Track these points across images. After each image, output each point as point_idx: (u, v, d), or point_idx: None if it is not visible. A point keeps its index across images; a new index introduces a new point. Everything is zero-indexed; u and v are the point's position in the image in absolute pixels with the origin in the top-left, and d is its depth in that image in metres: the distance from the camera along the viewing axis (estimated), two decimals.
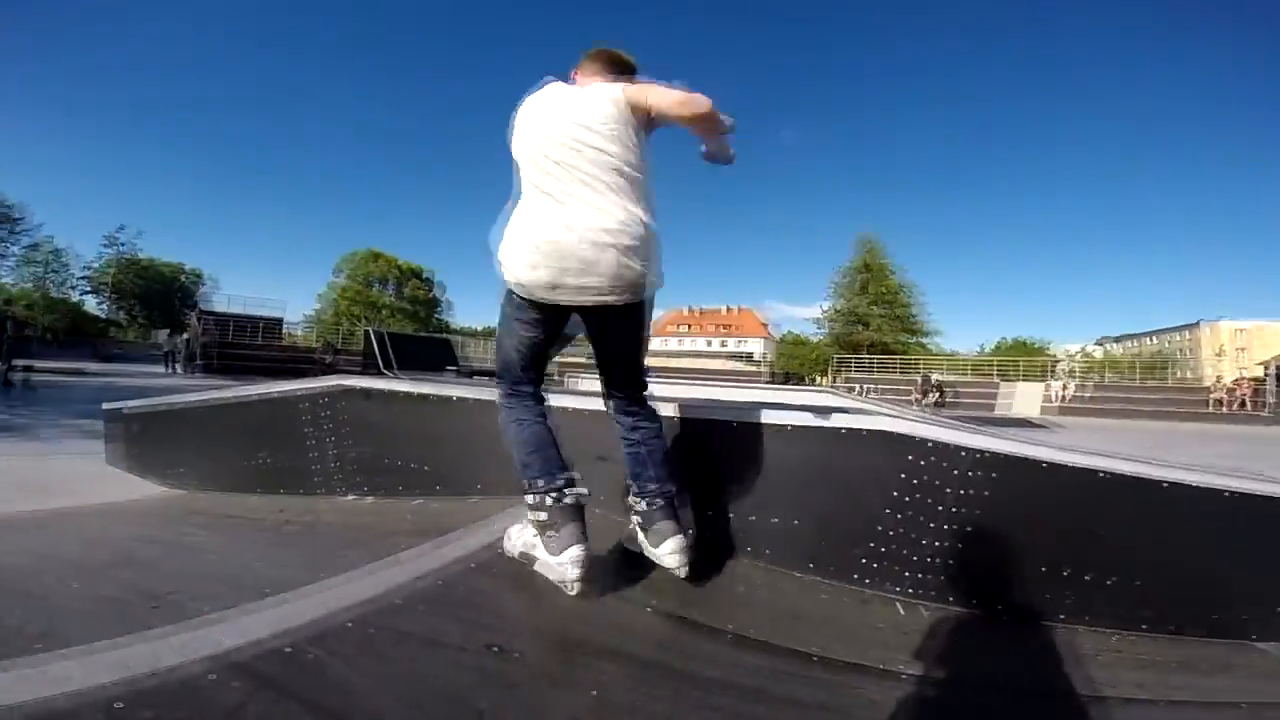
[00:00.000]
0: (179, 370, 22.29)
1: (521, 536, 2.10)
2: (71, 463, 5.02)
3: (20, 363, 13.07)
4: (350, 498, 3.42)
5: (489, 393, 3.18)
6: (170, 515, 3.37)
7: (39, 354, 19.56)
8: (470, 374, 19.09)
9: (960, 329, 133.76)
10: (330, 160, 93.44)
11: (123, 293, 47.44)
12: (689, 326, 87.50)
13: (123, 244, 46.54)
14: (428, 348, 21.47)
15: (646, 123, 1.88)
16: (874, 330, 48.02)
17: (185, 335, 26.57)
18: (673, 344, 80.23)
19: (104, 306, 46.83)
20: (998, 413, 27.53)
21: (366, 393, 3.39)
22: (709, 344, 79.90)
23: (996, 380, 34.35)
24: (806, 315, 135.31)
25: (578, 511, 1.92)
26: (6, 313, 14.11)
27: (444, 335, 35.10)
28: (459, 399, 3.18)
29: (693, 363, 42.19)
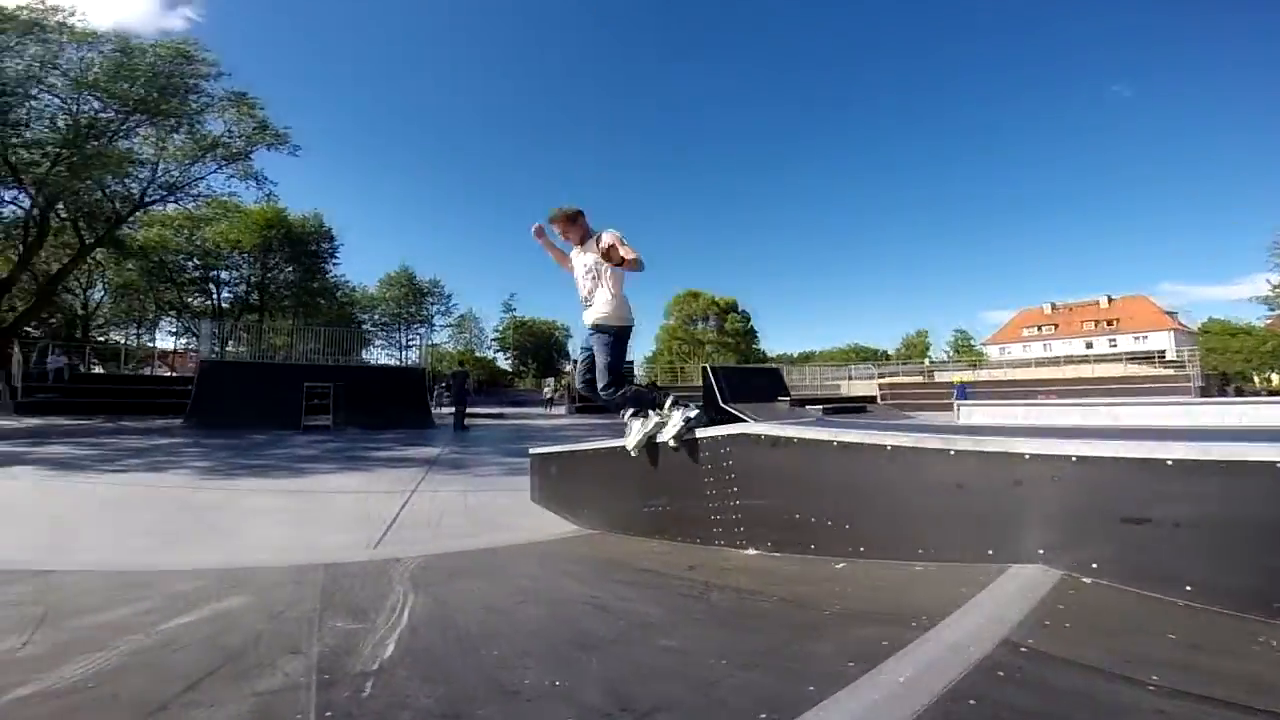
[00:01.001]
0: (563, 411, 26.58)
1: (639, 433, 3.65)
2: (502, 498, 5.80)
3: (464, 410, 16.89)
4: (752, 552, 3.10)
5: (934, 439, 2.53)
6: (593, 562, 3.43)
7: (473, 403, 25.19)
8: (802, 403, 18.67)
9: None
10: (650, 206, 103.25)
11: (517, 348, 59.47)
12: (1054, 326, 72.31)
13: (513, 309, 58.72)
14: (758, 379, 21.79)
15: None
16: None
17: (563, 380, 31.85)
18: (1034, 350, 66.70)
19: (508, 361, 59.40)
20: None
21: (773, 440, 3.01)
22: (1089, 345, 64.04)
23: None
24: (1233, 295, 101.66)
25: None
26: (465, 370, 18.44)
27: (771, 365, 35.13)
28: (893, 448, 2.54)
29: (1067, 371, 33.85)
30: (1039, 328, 72.76)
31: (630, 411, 3.70)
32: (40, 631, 1.91)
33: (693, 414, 3.53)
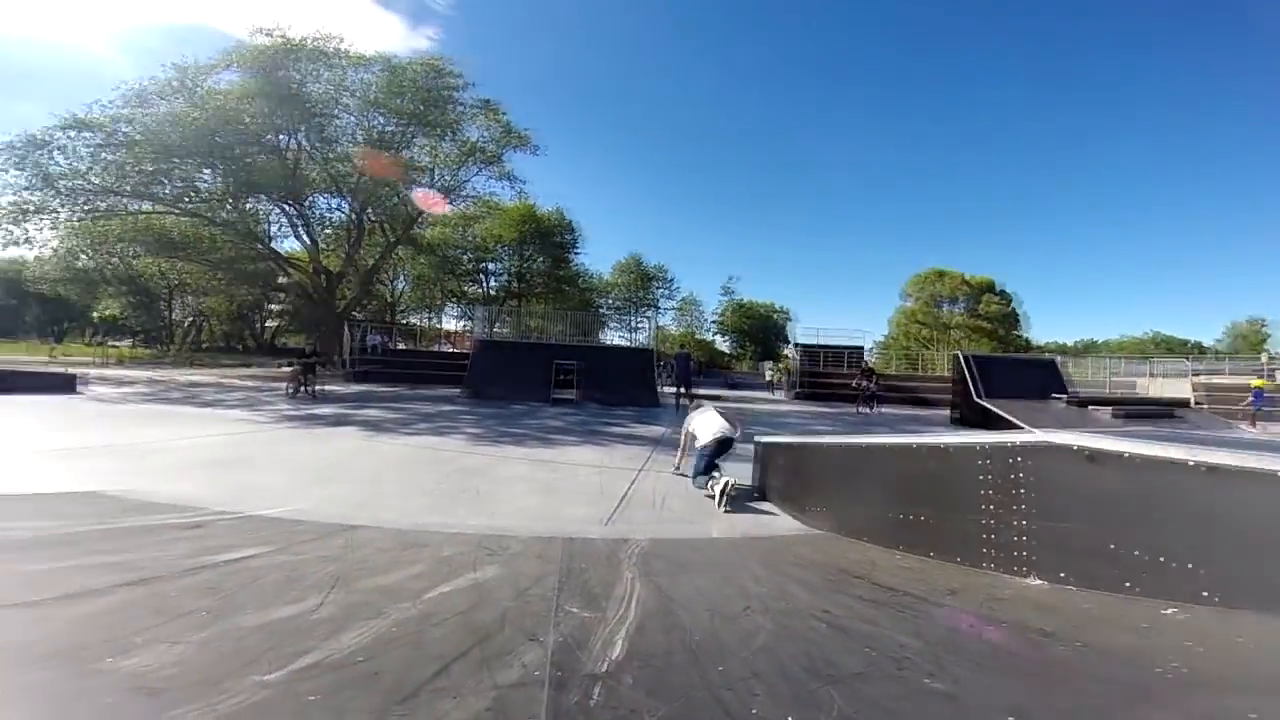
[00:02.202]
0: (783, 395, 25.90)
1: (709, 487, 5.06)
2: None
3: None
4: (1037, 581, 2.59)
5: None
6: (825, 570, 3.12)
7: (694, 384, 25.65)
8: (1084, 403, 15.42)
9: None
10: (880, 177, 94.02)
11: (736, 330, 59.59)
12: None
13: (733, 292, 58.95)
14: (1026, 372, 18.59)
15: None
16: None
17: (781, 364, 31.07)
18: None
19: (727, 343, 59.94)
20: None
21: (1092, 455, 2.42)
22: None
23: None
24: None
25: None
26: (687, 353, 18.97)
27: (1046, 356, 29.58)
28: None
29: None
30: None
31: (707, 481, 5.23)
32: (334, 593, 2.24)
33: (719, 486, 4.90)
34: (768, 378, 35.62)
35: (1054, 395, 14.84)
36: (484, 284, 46.84)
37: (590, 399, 15.00)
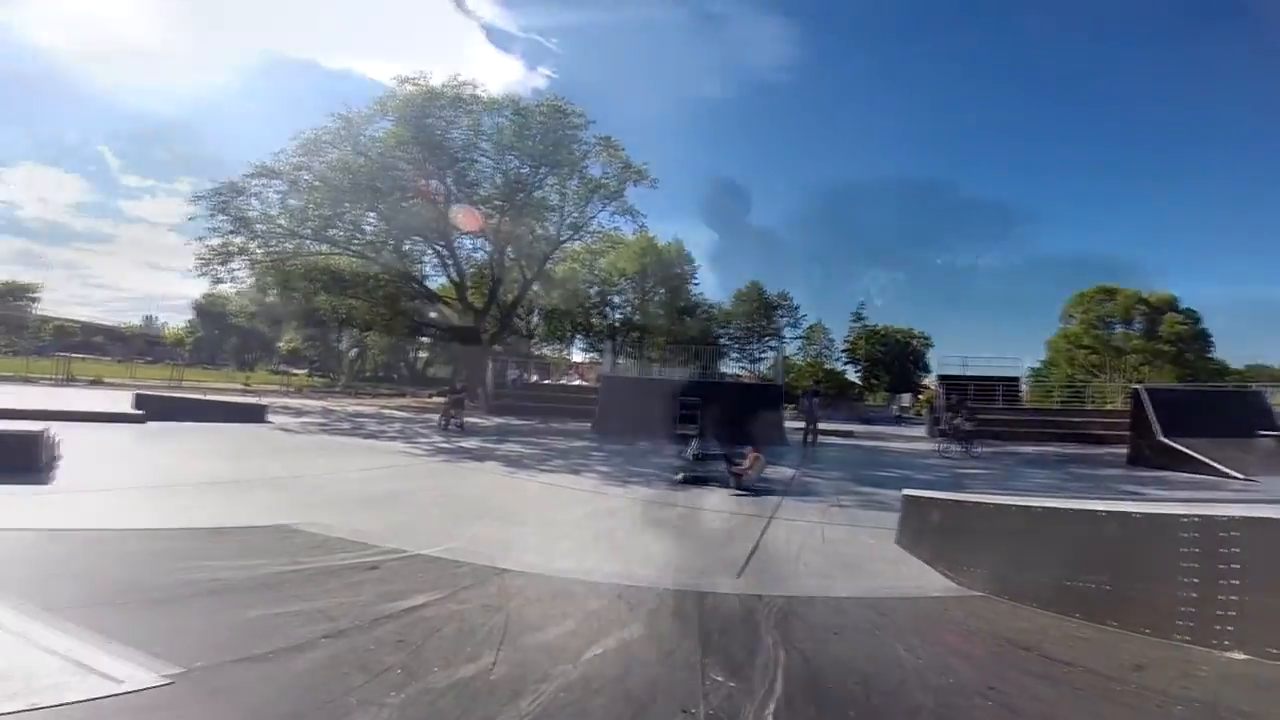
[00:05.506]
0: (921, 432, 24.08)
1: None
2: (861, 535, 5.48)
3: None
4: (1240, 656, 2.41)
5: None
6: (987, 639, 2.94)
7: (821, 417, 24.51)
8: None
9: None
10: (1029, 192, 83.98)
11: (868, 360, 56.69)
12: None
13: (864, 318, 56.22)
14: (1222, 405, 15.89)
15: None
16: None
17: (924, 396, 29.14)
18: None
19: (858, 374, 57.14)
20: None
21: None
22: None
23: None
24: None
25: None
26: (816, 389, 18.34)
27: (1244, 386, 25.08)
28: None
29: None
30: None
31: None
32: (503, 649, 2.43)
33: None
34: (895, 412, 33.79)
35: (1264, 432, 12.58)
36: (609, 316, 48.48)
37: (713, 437, 14.92)
